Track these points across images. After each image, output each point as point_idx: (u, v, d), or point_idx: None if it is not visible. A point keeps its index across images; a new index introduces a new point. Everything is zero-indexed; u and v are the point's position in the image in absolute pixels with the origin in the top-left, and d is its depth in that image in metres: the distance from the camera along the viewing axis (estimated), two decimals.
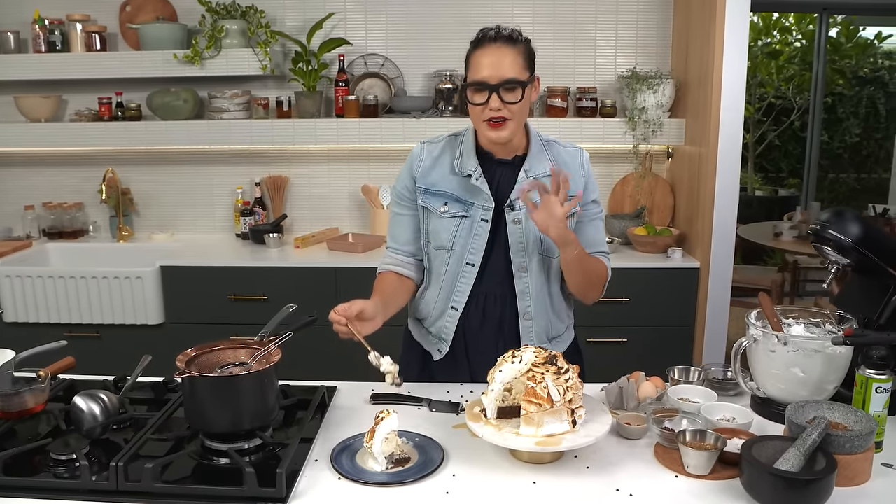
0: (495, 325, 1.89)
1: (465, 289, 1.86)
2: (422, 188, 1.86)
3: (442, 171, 1.85)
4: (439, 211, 1.84)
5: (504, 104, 1.71)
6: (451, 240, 1.84)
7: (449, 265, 1.86)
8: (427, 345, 1.96)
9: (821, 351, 1.56)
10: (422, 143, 1.91)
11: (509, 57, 1.71)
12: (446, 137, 1.90)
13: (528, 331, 1.88)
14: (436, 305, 1.91)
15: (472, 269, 1.84)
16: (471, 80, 1.74)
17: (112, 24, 3.59)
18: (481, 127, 1.76)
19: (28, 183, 3.81)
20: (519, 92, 1.72)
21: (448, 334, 1.89)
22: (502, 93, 1.70)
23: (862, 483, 1.36)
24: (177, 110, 3.50)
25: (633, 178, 3.62)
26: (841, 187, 7.44)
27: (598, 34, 3.58)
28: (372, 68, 3.63)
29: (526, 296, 1.86)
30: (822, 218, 1.68)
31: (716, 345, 3.18)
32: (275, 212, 3.74)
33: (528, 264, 1.84)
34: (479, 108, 1.73)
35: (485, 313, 1.89)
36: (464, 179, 1.82)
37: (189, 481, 1.39)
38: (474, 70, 1.73)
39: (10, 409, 1.59)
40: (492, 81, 1.70)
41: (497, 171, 1.84)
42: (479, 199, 1.82)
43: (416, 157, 1.89)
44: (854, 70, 7.10)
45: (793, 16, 7.07)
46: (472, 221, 1.82)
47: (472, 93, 1.73)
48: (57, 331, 3.15)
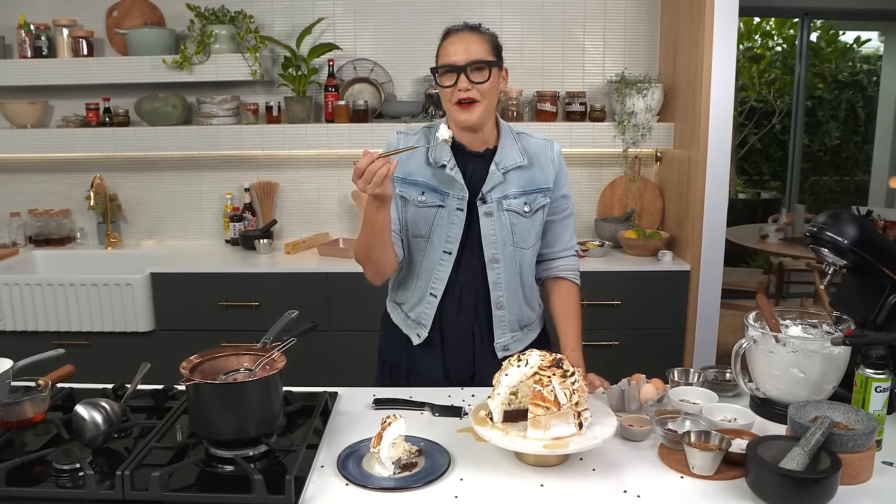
0: (470, 315, 1.93)
1: (443, 276, 1.90)
2: (398, 177, 1.89)
3: (417, 161, 1.89)
4: (416, 200, 1.88)
5: (472, 84, 1.77)
6: (428, 228, 1.88)
7: (426, 253, 1.90)
8: (406, 329, 1.99)
9: (820, 351, 1.58)
10: (398, 133, 1.95)
11: (476, 42, 1.79)
12: (422, 129, 1.94)
13: (500, 320, 1.93)
14: (415, 292, 1.95)
15: (450, 257, 1.88)
16: (440, 66, 1.80)
17: (99, 30, 3.57)
18: (451, 110, 1.82)
19: (14, 190, 3.77)
20: (486, 72, 1.78)
21: (427, 320, 1.93)
22: (470, 73, 1.76)
23: (864, 481, 1.38)
24: (165, 116, 3.48)
25: (622, 182, 3.65)
26: (822, 189, 7.54)
27: (586, 39, 3.61)
28: (361, 73, 3.63)
29: (498, 286, 1.90)
30: (820, 220, 1.70)
31: (707, 347, 3.21)
32: (264, 217, 3.72)
33: (499, 255, 1.88)
34: (449, 90, 1.79)
35: (461, 303, 1.93)
36: (438, 170, 1.86)
37: (195, 489, 1.38)
38: (443, 57, 1.81)
39: (10, 418, 1.58)
40: (459, 63, 1.76)
41: (469, 164, 1.88)
42: (454, 189, 1.86)
43: (392, 145, 1.91)
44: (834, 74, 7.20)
45: (774, 20, 7.16)
46: (449, 211, 1.86)
47: (441, 76, 1.80)
48: (45, 339, 3.11)
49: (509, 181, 1.87)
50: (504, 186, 1.86)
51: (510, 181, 1.87)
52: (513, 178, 1.87)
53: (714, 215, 3.11)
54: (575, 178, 3.71)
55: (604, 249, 3.39)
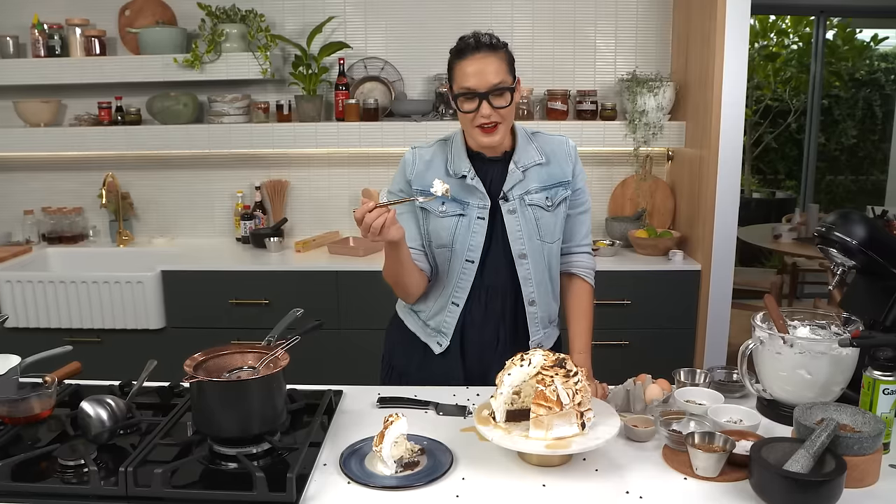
0: (497, 317, 1.93)
1: (466, 285, 1.89)
2: (418, 190, 1.89)
3: (436, 173, 1.88)
4: (437, 211, 1.88)
5: (494, 110, 1.76)
6: (450, 237, 1.88)
7: (450, 263, 1.90)
8: (425, 336, 1.97)
9: (827, 353, 1.56)
10: (412, 149, 1.95)
11: (493, 64, 1.76)
12: (436, 142, 1.95)
13: (533, 316, 1.92)
14: (437, 301, 1.94)
15: (472, 265, 1.88)
16: (458, 90, 1.78)
17: (111, 29, 3.59)
18: (473, 132, 1.81)
19: (27, 188, 3.80)
20: (507, 96, 1.78)
21: (448, 328, 1.92)
22: (491, 99, 1.76)
23: (871, 484, 1.36)
24: (177, 114, 3.49)
25: (633, 181, 3.63)
26: (838, 189, 7.46)
27: (597, 37, 3.59)
28: (372, 72, 3.63)
29: (529, 282, 1.90)
30: (828, 220, 1.69)
31: (717, 347, 3.18)
32: (275, 216, 3.73)
33: (527, 251, 1.88)
34: (470, 115, 1.78)
35: (486, 307, 1.92)
36: (458, 180, 1.87)
37: (198, 486, 1.39)
38: (460, 79, 1.78)
39: (17, 414, 1.59)
40: (480, 89, 1.75)
41: (489, 170, 1.89)
42: (475, 197, 1.86)
43: (409, 161, 1.93)
44: (850, 72, 7.13)
45: (789, 18, 7.09)
46: (470, 220, 1.86)
47: (462, 101, 1.79)
48: (57, 336, 3.14)
49: (529, 178, 1.87)
50: (524, 184, 1.87)
51: (530, 178, 1.87)
52: (532, 175, 1.88)
53: (725, 215, 3.09)
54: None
55: (614, 249, 3.37)
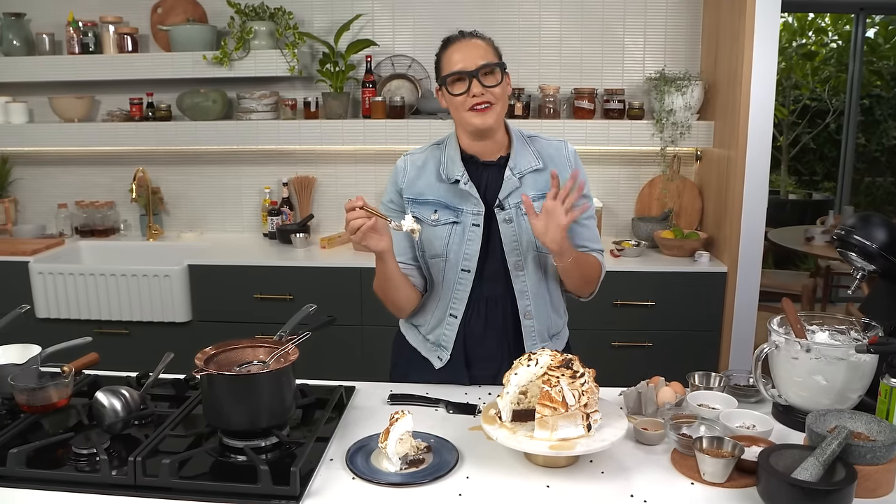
0: (498, 330, 1.87)
1: (463, 296, 1.84)
2: (409, 199, 1.85)
3: (428, 179, 1.84)
4: (430, 219, 1.82)
5: (485, 88, 1.72)
6: (444, 248, 1.82)
7: (445, 273, 1.84)
8: (425, 351, 1.93)
9: (844, 359, 1.52)
10: (404, 156, 1.90)
11: (480, 48, 1.74)
12: (429, 146, 1.89)
13: (529, 330, 1.86)
14: (434, 314, 1.89)
15: (469, 275, 1.83)
16: (446, 74, 1.74)
17: (144, 26, 3.65)
18: (465, 116, 1.75)
19: (61, 182, 3.89)
20: (498, 74, 1.74)
21: (448, 342, 1.87)
22: (482, 77, 1.72)
23: (884, 495, 1.33)
24: (206, 111, 3.54)
25: (660, 181, 3.59)
26: (878, 191, 7.28)
27: (626, 35, 3.55)
28: (399, 69, 3.64)
29: (525, 295, 1.84)
30: (848, 223, 1.65)
31: (743, 350, 3.13)
32: (302, 212, 3.77)
33: (523, 263, 1.82)
34: (461, 97, 1.73)
35: (487, 319, 1.87)
36: (451, 186, 1.81)
37: (205, 477, 1.41)
38: (447, 66, 1.75)
39: (35, 403, 1.63)
40: (469, 68, 1.72)
41: (483, 174, 1.83)
42: (468, 204, 1.80)
43: (400, 169, 1.88)
44: (892, 71, 6.95)
45: (829, 16, 6.94)
46: (464, 228, 1.81)
47: (452, 84, 1.74)
48: (86, 327, 3.21)
49: (526, 185, 1.81)
50: (521, 191, 1.79)
51: (526, 185, 1.81)
52: (529, 181, 1.81)
53: (753, 216, 3.04)
54: (612, 177, 3.66)
55: (639, 249, 3.34)
